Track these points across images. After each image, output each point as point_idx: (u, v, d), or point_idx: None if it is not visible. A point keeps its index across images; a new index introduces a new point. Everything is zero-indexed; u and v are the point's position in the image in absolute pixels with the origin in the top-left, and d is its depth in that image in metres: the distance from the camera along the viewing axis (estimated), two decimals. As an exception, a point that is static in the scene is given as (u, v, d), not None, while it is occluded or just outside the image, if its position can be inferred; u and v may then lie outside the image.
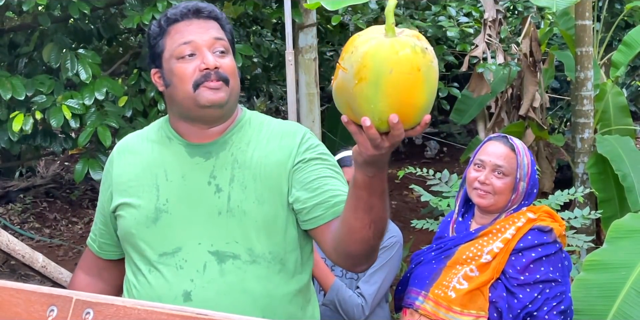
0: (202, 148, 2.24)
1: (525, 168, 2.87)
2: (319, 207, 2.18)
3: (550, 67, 7.10)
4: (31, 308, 1.40)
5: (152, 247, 2.21)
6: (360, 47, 1.69)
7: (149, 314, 1.31)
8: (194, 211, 2.20)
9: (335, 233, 2.12)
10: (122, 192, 2.28)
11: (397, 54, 1.66)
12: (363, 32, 1.76)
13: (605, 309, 2.43)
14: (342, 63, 1.72)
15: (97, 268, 2.47)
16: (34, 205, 8.18)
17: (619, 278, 2.51)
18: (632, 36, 6.49)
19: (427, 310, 2.85)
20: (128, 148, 2.35)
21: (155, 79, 2.26)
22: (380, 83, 1.66)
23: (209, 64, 2.14)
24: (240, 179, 2.20)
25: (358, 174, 1.91)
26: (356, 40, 1.72)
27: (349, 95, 1.71)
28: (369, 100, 1.67)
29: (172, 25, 2.20)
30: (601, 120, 6.59)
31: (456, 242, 2.93)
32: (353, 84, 1.68)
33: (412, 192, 8.43)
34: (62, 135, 5.11)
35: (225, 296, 2.14)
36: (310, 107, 5.33)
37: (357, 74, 1.67)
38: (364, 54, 1.68)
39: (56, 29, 4.84)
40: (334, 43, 7.44)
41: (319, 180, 2.22)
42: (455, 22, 5.86)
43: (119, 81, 5.03)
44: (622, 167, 5.73)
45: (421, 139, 11.35)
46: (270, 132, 2.27)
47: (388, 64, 1.66)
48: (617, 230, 2.69)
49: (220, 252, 2.17)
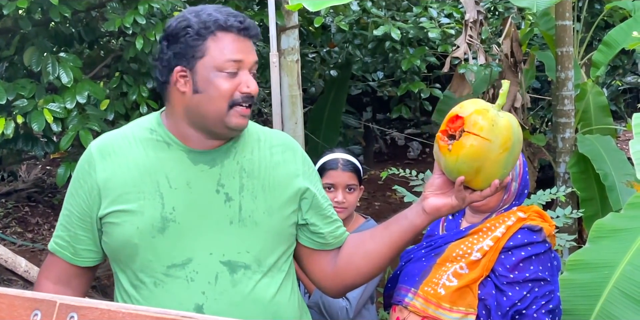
0: (205, 155, 2.19)
1: (517, 168, 2.88)
2: (330, 235, 2.34)
3: (531, 68, 7.13)
4: (15, 313, 1.39)
5: (159, 258, 2.14)
6: (498, 122, 2.04)
7: (133, 317, 1.31)
8: (203, 220, 2.16)
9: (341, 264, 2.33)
10: (116, 198, 2.16)
11: (518, 126, 2.09)
12: (472, 103, 2.13)
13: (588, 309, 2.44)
14: (482, 134, 2.02)
15: (67, 276, 2.29)
16: (15, 209, 8.13)
17: (602, 277, 2.52)
18: (612, 36, 6.52)
19: (416, 307, 2.86)
20: (112, 149, 2.22)
21: (178, 77, 2.15)
22: (514, 151, 2.07)
23: (253, 90, 2.14)
24: (250, 189, 2.20)
25: (424, 224, 2.25)
26: (485, 115, 2.05)
27: (488, 162, 2.05)
28: (505, 166, 2.07)
29: (220, 32, 2.12)
30: (582, 120, 6.63)
31: (446, 239, 2.94)
32: (497, 153, 2.04)
33: (395, 193, 8.44)
34: (44, 139, 5.08)
35: (236, 307, 2.14)
36: (293, 109, 5.33)
37: (502, 144, 2.03)
38: (505, 128, 2.04)
39: (37, 33, 4.82)
40: (316, 45, 7.45)
41: (328, 207, 2.36)
42: (436, 23, 5.88)
43: (101, 84, 5.00)
44: (603, 166, 5.76)
45: (404, 140, 11.37)
46: (269, 142, 2.30)
47: (518, 135, 2.07)
48: (600, 230, 2.70)
49: (232, 262, 2.16)
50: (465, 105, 2.11)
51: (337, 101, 7.93)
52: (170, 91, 2.19)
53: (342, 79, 7.74)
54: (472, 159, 2.05)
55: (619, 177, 5.66)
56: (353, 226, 3.26)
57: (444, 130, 2.11)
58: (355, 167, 3.27)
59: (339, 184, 3.21)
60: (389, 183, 7.22)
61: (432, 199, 2.19)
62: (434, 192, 2.20)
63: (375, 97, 10.11)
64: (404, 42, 6.11)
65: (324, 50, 7.42)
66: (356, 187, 3.25)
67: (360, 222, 3.32)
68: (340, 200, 3.19)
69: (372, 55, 7.04)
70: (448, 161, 2.10)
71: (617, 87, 11.01)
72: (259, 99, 8.36)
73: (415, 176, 4.68)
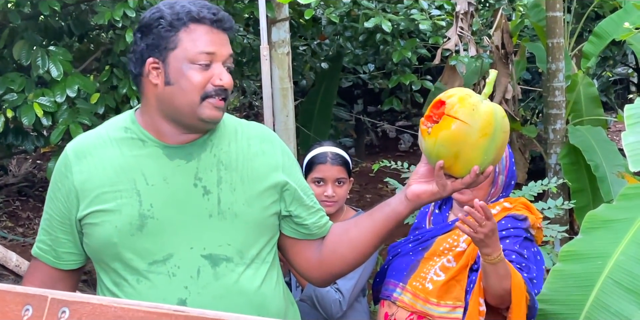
0: (181, 150, 2.18)
1: (503, 161, 2.88)
2: (314, 226, 2.34)
3: (522, 59, 7.14)
4: (6, 308, 1.38)
5: (140, 255, 2.13)
6: (480, 107, 2.03)
7: (125, 311, 1.30)
8: (182, 215, 2.15)
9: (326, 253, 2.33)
10: (93, 199, 2.15)
11: (504, 117, 2.07)
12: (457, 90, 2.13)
13: (582, 299, 2.44)
14: (461, 117, 2.02)
15: (51, 280, 2.27)
16: (6, 204, 8.12)
17: (595, 268, 2.53)
18: (602, 27, 6.54)
19: (404, 302, 2.86)
20: (87, 150, 2.21)
21: (151, 69, 2.13)
22: (495, 139, 2.04)
23: (226, 83, 2.12)
24: (228, 181, 2.19)
25: (407, 210, 2.21)
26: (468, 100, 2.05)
27: (467, 146, 2.03)
28: (486, 153, 2.04)
29: (193, 24, 2.11)
30: (573, 111, 6.65)
31: (433, 233, 2.94)
32: (476, 137, 2.02)
33: (386, 185, 8.45)
34: (34, 133, 5.07)
35: (221, 300, 2.14)
36: (284, 101, 5.32)
37: (482, 129, 2.02)
38: (486, 113, 2.03)
39: (26, 26, 4.80)
40: (307, 37, 7.43)
41: (311, 197, 2.37)
42: (427, 15, 5.86)
43: (91, 78, 4.99)
44: (594, 157, 5.78)
45: (395, 132, 11.38)
46: (247, 133, 2.29)
47: (502, 124, 2.06)
48: (592, 221, 2.70)
49: (214, 255, 2.15)
50: (451, 91, 2.12)
51: (328, 94, 7.92)
52: (143, 83, 2.18)
53: (333, 71, 7.74)
54: (451, 142, 2.04)
55: (610, 168, 5.68)
56: (344, 219, 3.25)
57: (428, 115, 2.10)
58: (344, 160, 3.27)
59: (329, 178, 3.21)
60: (381, 175, 7.23)
61: (415, 186, 2.19)
62: (417, 180, 2.20)
63: (366, 90, 10.11)
64: (395, 34, 6.10)
65: (315, 42, 7.41)
66: (346, 181, 3.25)
67: (351, 214, 3.32)
68: (330, 194, 3.19)
69: (362, 48, 7.03)
70: (427, 144, 2.10)
71: (608, 78, 11.03)
72: (250, 91, 8.36)
73: (406, 168, 4.68)
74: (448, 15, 6.12)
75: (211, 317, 1.26)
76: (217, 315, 1.26)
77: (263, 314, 2.18)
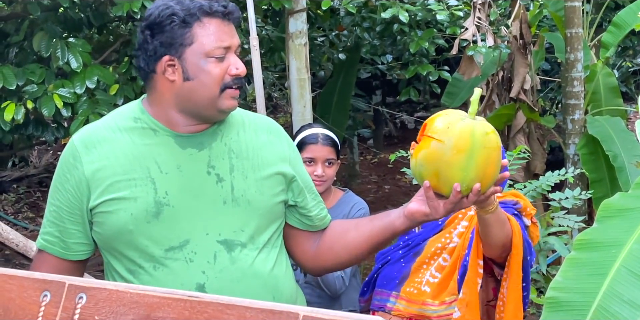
0: (193, 139, 2.21)
1: None
2: (316, 218, 2.40)
3: (541, 49, 7.10)
4: (24, 293, 1.41)
5: (156, 242, 2.16)
6: (457, 124, 2.02)
7: (141, 297, 1.33)
8: (197, 202, 2.18)
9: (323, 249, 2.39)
10: (106, 188, 2.16)
11: (487, 134, 2.03)
12: (444, 112, 2.12)
13: (596, 287, 2.44)
14: (436, 136, 2.03)
15: (58, 272, 2.20)
16: (27, 195, 8.19)
17: (609, 256, 2.52)
18: (621, 17, 6.49)
19: (399, 310, 2.85)
20: (96, 140, 2.21)
21: (166, 67, 2.14)
22: (474, 155, 2.00)
23: (241, 71, 2.16)
24: (240, 169, 2.23)
25: (403, 227, 2.25)
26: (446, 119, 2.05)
27: (443, 164, 2.02)
28: (463, 169, 2.01)
29: (206, 18, 2.13)
30: (592, 101, 6.61)
31: (424, 236, 2.92)
32: (450, 154, 2.00)
33: (404, 176, 8.46)
34: (54, 125, 5.12)
35: (238, 283, 2.18)
36: (301, 92, 5.34)
37: (455, 146, 2.00)
38: (461, 130, 2.01)
39: (46, 18, 4.83)
40: (324, 28, 7.43)
41: (314, 188, 2.44)
42: (444, 5, 5.86)
43: (110, 69, 5.02)
44: (612, 147, 5.76)
45: (413, 123, 11.37)
46: (254, 124, 2.34)
47: (482, 140, 2.02)
48: (607, 210, 2.69)
49: (229, 240, 2.19)
50: (438, 113, 2.13)
51: (346, 85, 7.92)
52: (156, 80, 2.18)
53: (350, 62, 7.74)
54: (428, 161, 2.06)
55: (629, 158, 5.65)
56: (333, 200, 3.38)
57: (418, 138, 2.12)
58: (334, 141, 3.36)
59: (319, 158, 3.29)
60: (399, 166, 7.24)
61: (413, 204, 2.21)
62: (417, 197, 2.22)
63: (384, 81, 10.10)
64: (412, 25, 6.10)
65: (333, 33, 7.42)
66: (335, 162, 3.34)
67: (339, 195, 3.43)
68: (320, 173, 3.27)
69: (380, 38, 7.03)
70: (412, 165, 2.15)
71: (628, 68, 10.95)
72: (269, 83, 8.38)
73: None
74: (465, 6, 6.12)
75: (225, 303, 1.28)
76: (230, 301, 1.28)
77: (277, 295, 2.23)
